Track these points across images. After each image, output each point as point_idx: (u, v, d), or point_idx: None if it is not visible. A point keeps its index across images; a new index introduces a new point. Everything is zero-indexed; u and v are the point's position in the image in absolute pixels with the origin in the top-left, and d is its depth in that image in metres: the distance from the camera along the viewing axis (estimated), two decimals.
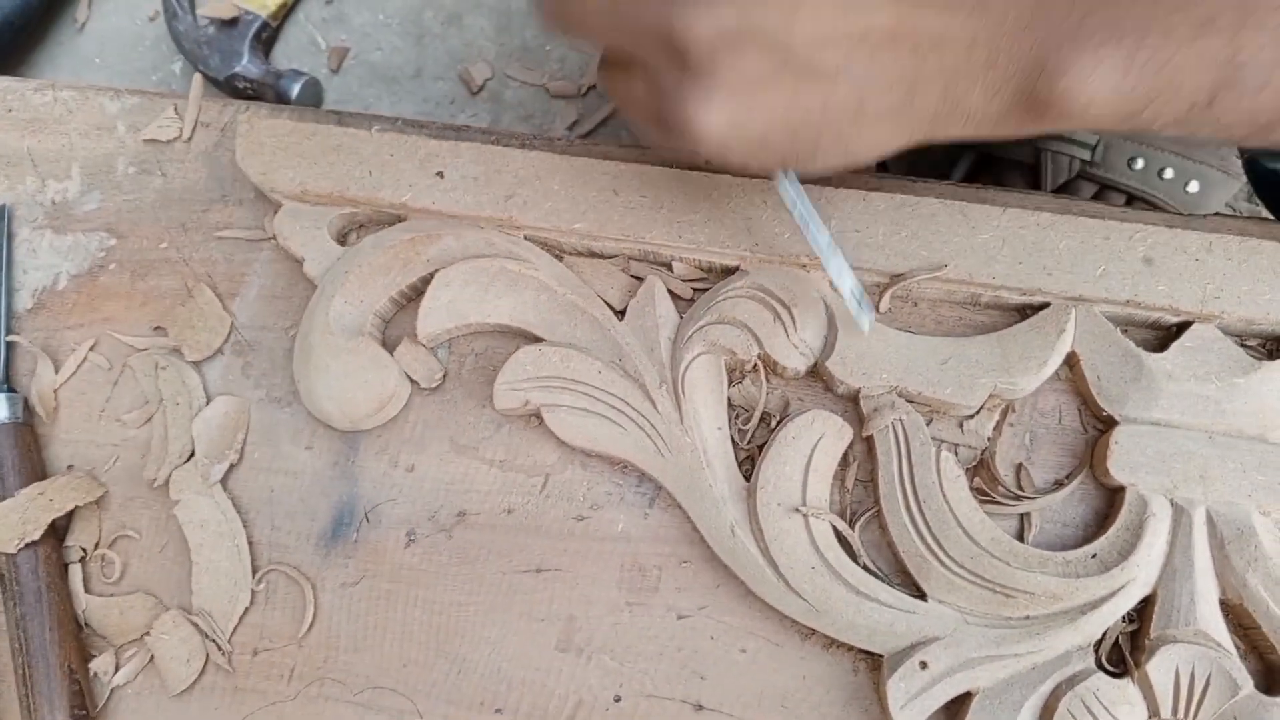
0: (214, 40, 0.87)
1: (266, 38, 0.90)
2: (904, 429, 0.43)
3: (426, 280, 0.47)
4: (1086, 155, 0.65)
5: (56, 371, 0.50)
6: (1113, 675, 0.40)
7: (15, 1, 0.87)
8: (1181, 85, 0.32)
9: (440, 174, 0.48)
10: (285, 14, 0.93)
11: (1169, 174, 0.63)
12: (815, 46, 0.32)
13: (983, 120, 0.33)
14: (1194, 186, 0.63)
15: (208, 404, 0.48)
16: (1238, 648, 0.41)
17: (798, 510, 0.42)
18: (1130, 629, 0.41)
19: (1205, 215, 0.46)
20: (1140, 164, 0.63)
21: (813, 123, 0.33)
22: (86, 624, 0.46)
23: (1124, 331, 0.44)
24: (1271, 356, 0.43)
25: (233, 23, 0.87)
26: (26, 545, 0.45)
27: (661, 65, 0.33)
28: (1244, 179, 0.66)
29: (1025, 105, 0.32)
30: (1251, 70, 0.31)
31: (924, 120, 0.34)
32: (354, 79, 0.91)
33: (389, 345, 0.48)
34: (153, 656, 0.45)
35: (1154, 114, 0.32)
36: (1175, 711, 0.39)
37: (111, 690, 0.45)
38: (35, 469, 0.47)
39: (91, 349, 0.50)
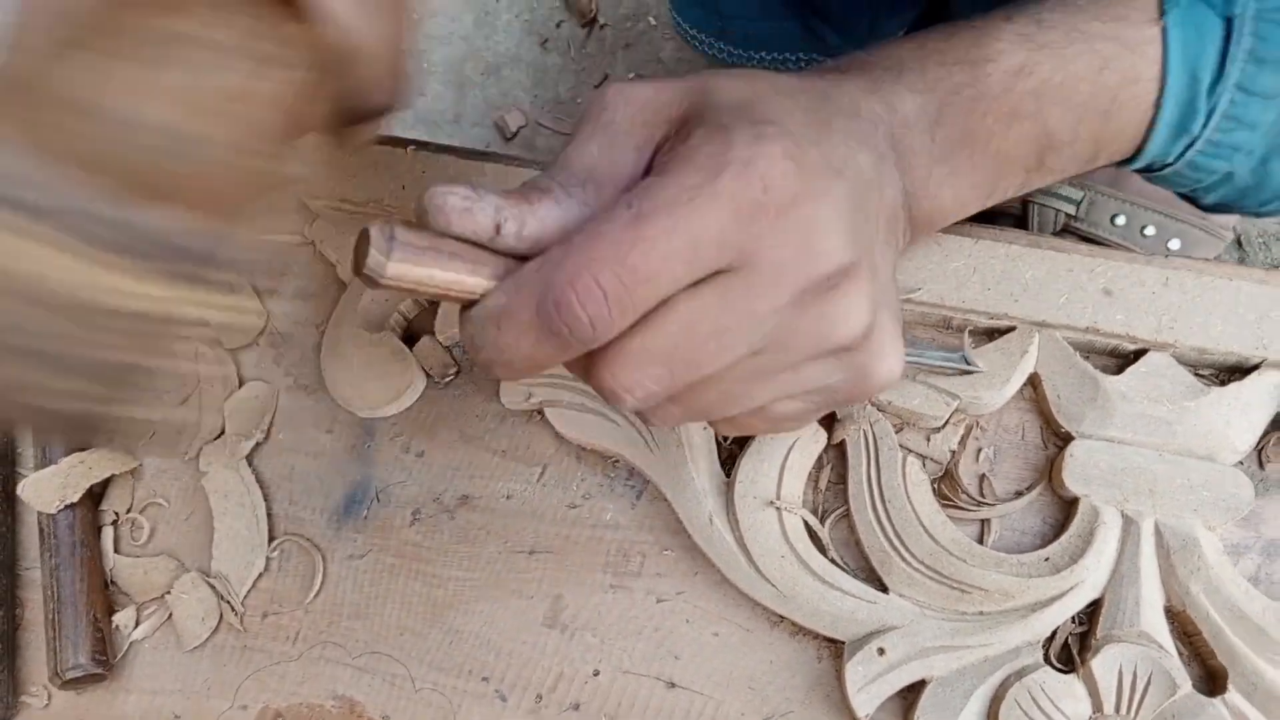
0: None
1: None
2: (874, 435, 0.46)
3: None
4: (1072, 210, 0.69)
5: None
6: (1061, 673, 0.43)
7: None
8: (1013, 164, 0.40)
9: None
10: None
11: (1150, 231, 0.66)
12: (884, 272, 0.36)
13: (901, 248, 0.40)
14: (1175, 244, 0.67)
15: (240, 387, 0.52)
16: (1181, 654, 0.43)
17: (772, 504, 0.45)
18: (1079, 630, 0.44)
19: (1165, 255, 0.49)
20: (1122, 220, 0.67)
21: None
22: (113, 581, 0.50)
23: (1085, 357, 0.47)
24: (1222, 384, 0.46)
25: None
26: (65, 506, 0.49)
27: (833, 371, 0.35)
28: (1227, 240, 0.70)
29: (914, 229, 0.40)
30: (1060, 133, 0.40)
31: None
32: (397, 122, 0.97)
33: (409, 342, 0.52)
34: (171, 614, 0.49)
35: (1002, 190, 0.41)
36: (1118, 708, 0.42)
37: (130, 643, 0.49)
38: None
39: None
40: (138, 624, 0.49)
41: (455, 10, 0.98)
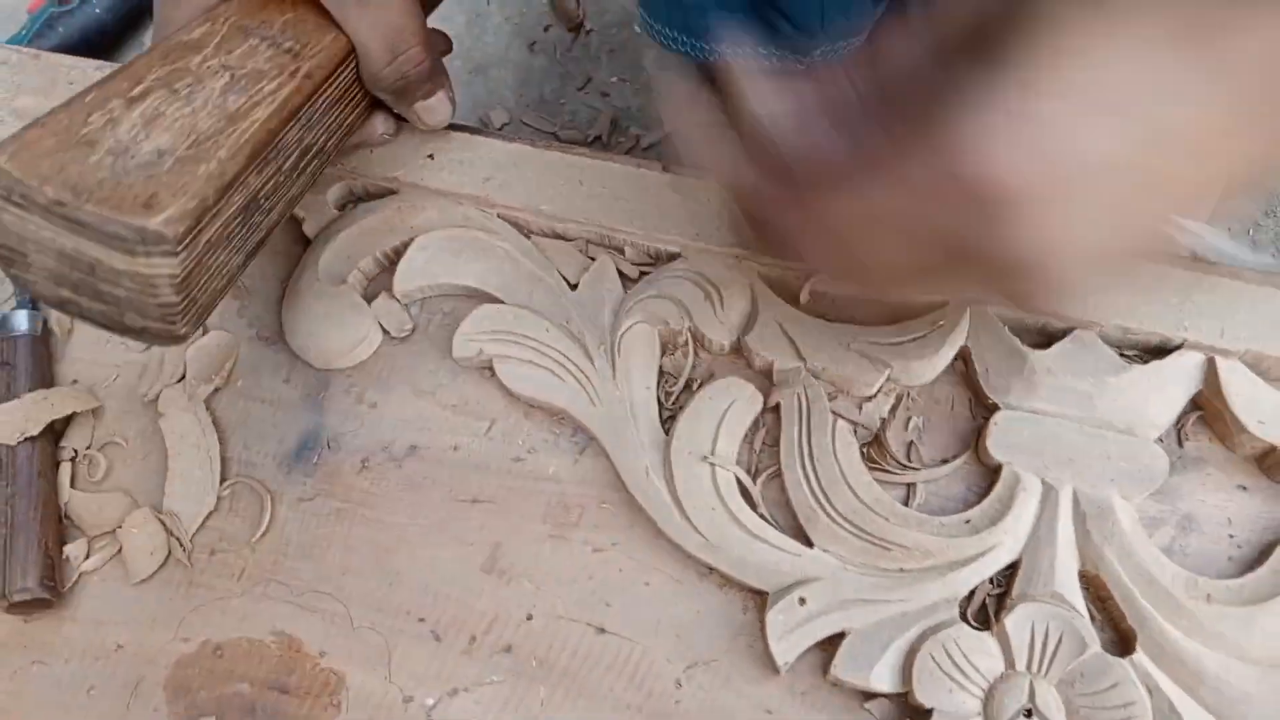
0: None
1: None
2: (807, 398, 0.48)
3: (408, 244, 0.54)
4: None
5: None
6: (976, 630, 0.44)
7: (93, 23, 0.98)
8: None
9: (431, 156, 0.55)
10: None
11: None
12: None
13: None
14: None
15: (203, 335, 0.54)
16: (1093, 617, 0.44)
17: (706, 459, 0.47)
18: (996, 593, 0.45)
19: None
20: None
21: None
22: (67, 515, 0.51)
23: (1015, 334, 0.49)
24: (1144, 363, 0.48)
25: None
26: (25, 439, 0.51)
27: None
28: None
29: None
30: None
31: None
32: None
33: (368, 298, 0.54)
34: (121, 547, 0.50)
35: None
36: (1029, 665, 0.43)
37: (80, 574, 0.50)
38: (45, 378, 0.53)
39: None
40: (88, 556, 0.50)
41: (448, 11, 1.01)
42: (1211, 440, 0.48)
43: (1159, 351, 0.48)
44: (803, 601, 0.44)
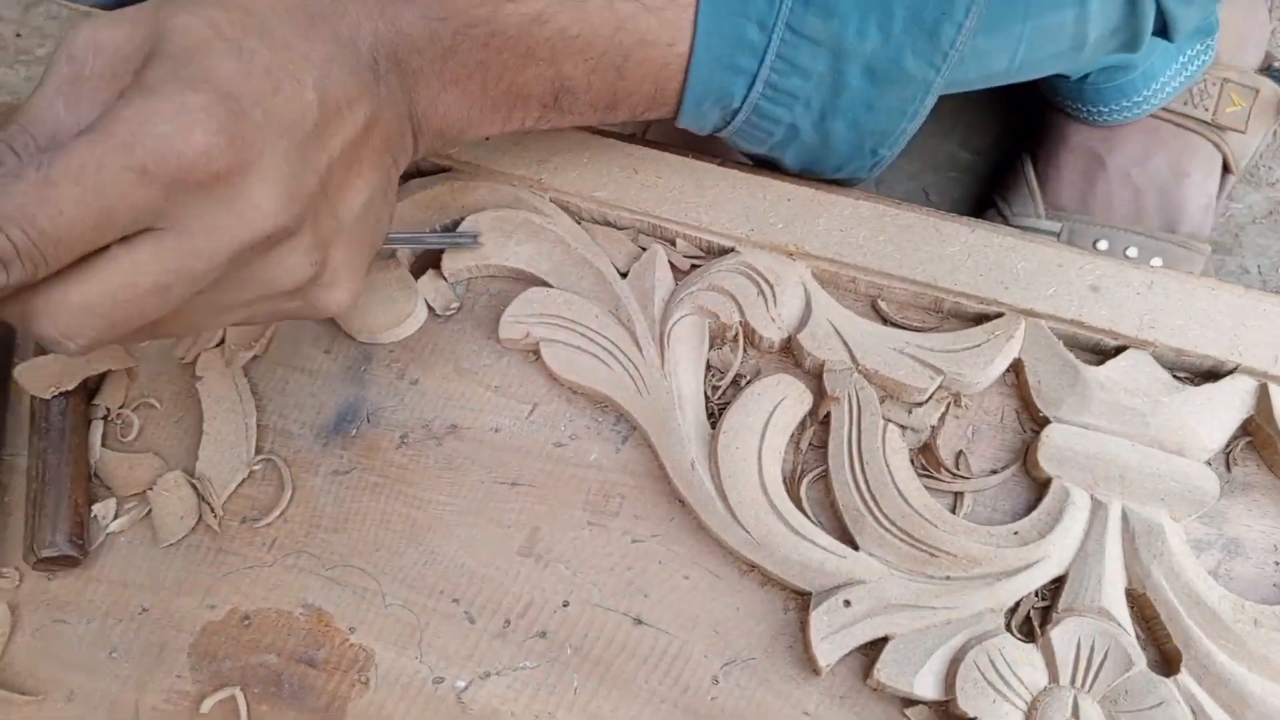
0: None
1: None
2: (858, 400, 0.47)
3: (458, 223, 0.53)
4: (1053, 240, 0.71)
5: None
6: (1021, 642, 0.43)
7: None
8: (528, 100, 0.43)
9: (486, 137, 0.55)
10: None
11: (1133, 252, 0.68)
12: (346, 206, 0.39)
13: (411, 156, 0.44)
14: (1156, 261, 0.69)
15: None
16: (1139, 637, 0.44)
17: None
18: (1042, 605, 0.45)
19: (1153, 266, 0.51)
20: (1104, 244, 0.69)
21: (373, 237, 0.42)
22: (96, 474, 0.50)
23: (1068, 349, 0.49)
24: (1196, 386, 0.48)
25: None
26: (59, 394, 0.50)
27: (283, 303, 0.39)
28: (1206, 253, 0.72)
29: (426, 140, 0.43)
30: (574, 80, 0.43)
31: (396, 171, 0.43)
32: None
33: (415, 274, 0.53)
34: (150, 510, 0.49)
35: (518, 119, 0.45)
36: (1073, 680, 0.43)
37: (107, 534, 0.49)
38: None
39: None
40: (116, 516, 0.49)
41: None
42: (1260, 466, 0.48)
43: (1211, 375, 0.48)
44: (847, 604, 0.44)
